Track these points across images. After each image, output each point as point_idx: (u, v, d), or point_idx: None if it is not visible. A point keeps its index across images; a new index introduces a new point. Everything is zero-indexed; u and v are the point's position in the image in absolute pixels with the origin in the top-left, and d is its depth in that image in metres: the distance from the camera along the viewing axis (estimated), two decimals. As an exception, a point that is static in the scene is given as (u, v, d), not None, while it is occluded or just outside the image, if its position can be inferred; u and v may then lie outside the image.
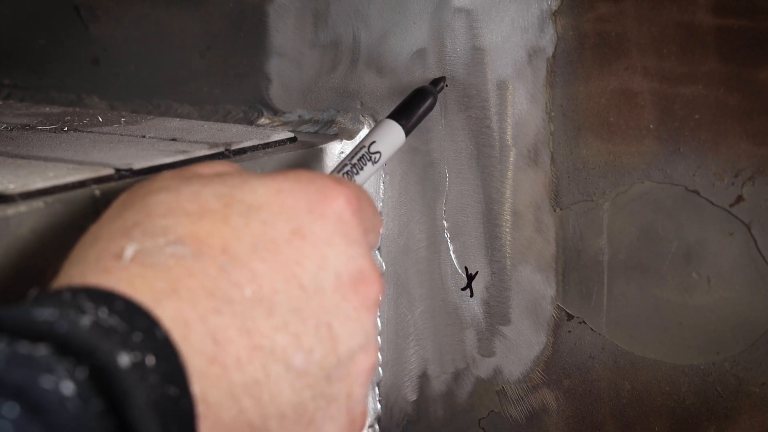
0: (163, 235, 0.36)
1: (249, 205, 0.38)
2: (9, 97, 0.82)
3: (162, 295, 0.34)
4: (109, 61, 0.77)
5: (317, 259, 0.38)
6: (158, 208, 0.37)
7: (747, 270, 0.54)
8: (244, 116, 0.71)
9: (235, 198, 0.38)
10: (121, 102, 0.77)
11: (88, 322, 0.31)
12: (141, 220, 0.37)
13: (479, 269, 0.62)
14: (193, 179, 0.39)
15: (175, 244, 0.36)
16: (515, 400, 0.62)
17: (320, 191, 0.39)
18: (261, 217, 0.38)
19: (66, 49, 0.79)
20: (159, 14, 0.74)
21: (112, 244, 0.36)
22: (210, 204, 0.37)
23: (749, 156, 0.53)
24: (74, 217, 0.48)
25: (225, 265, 0.36)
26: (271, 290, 0.36)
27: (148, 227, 0.36)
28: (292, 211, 0.38)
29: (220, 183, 0.39)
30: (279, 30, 0.68)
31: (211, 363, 0.34)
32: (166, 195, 0.38)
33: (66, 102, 0.79)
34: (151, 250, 0.35)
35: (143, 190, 0.39)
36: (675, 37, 0.53)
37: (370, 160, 0.49)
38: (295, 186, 0.39)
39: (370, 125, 0.65)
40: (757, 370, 0.54)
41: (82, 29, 0.78)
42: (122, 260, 0.35)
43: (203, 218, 0.37)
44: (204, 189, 0.38)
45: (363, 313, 0.39)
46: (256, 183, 0.39)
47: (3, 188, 0.47)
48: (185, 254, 0.35)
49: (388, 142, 0.51)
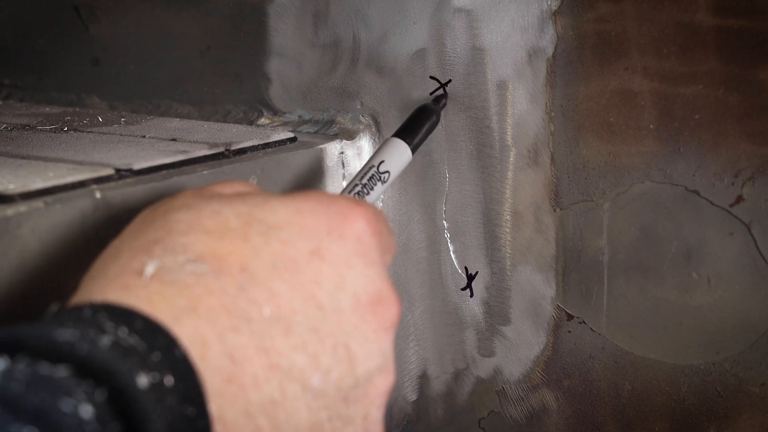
0: (183, 252, 0.36)
1: (269, 224, 0.38)
2: (9, 97, 0.82)
3: (181, 312, 0.34)
4: (109, 61, 0.77)
5: (336, 279, 0.38)
6: (179, 225, 0.38)
7: (747, 270, 0.54)
8: (244, 116, 0.71)
9: (255, 217, 0.38)
10: (121, 102, 0.77)
11: (108, 342, 0.31)
12: (162, 236, 0.37)
13: (479, 269, 0.62)
14: (214, 198, 0.40)
15: (195, 262, 0.36)
16: (515, 400, 0.62)
17: (340, 212, 0.40)
18: (281, 237, 0.38)
19: (66, 49, 0.79)
20: (159, 14, 0.74)
21: (133, 261, 0.36)
22: (230, 222, 0.38)
23: (749, 156, 0.53)
24: (74, 217, 0.48)
25: (244, 283, 0.36)
26: (289, 309, 0.36)
27: (169, 244, 0.37)
28: (312, 231, 0.39)
29: (240, 202, 0.39)
30: (279, 30, 0.68)
31: (228, 382, 0.34)
32: (187, 213, 0.38)
33: (66, 102, 0.79)
34: (171, 267, 0.36)
35: (164, 207, 0.40)
36: (675, 37, 0.53)
37: (379, 180, 0.49)
38: (315, 206, 0.39)
39: (370, 125, 0.65)
40: (757, 370, 0.54)
41: (82, 29, 0.78)
42: (143, 277, 0.35)
43: (223, 236, 0.37)
44: (224, 207, 0.39)
45: (381, 335, 0.39)
46: (276, 203, 0.39)
47: (3, 188, 0.47)
48: (205, 272, 0.36)
49: (396, 161, 0.51)
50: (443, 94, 0.59)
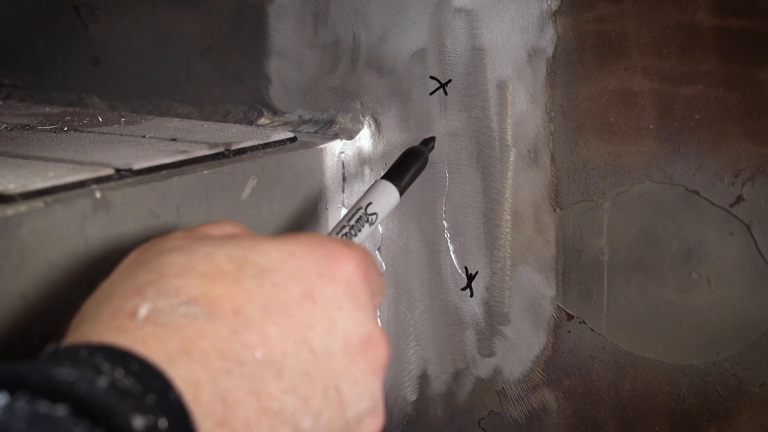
0: (176, 295, 0.37)
1: (261, 267, 0.38)
2: (9, 97, 0.82)
3: (175, 355, 0.34)
4: (109, 61, 0.77)
5: (327, 322, 0.39)
6: (171, 267, 0.38)
7: (747, 270, 0.54)
8: (244, 116, 0.71)
9: (248, 260, 0.39)
10: (121, 102, 0.77)
11: (105, 384, 0.31)
12: (154, 279, 0.37)
13: (479, 269, 0.62)
14: (206, 240, 0.40)
15: (188, 305, 0.36)
16: (515, 400, 0.62)
17: (330, 255, 0.40)
18: (273, 280, 0.38)
19: (66, 49, 0.79)
20: (159, 14, 0.74)
21: (127, 303, 0.36)
22: (223, 266, 0.38)
23: (749, 156, 0.53)
24: (74, 217, 0.48)
25: (237, 326, 0.36)
26: (281, 353, 0.37)
27: (162, 287, 0.37)
28: (303, 274, 0.39)
29: (232, 245, 0.39)
30: (279, 30, 0.68)
31: (220, 425, 0.34)
32: (179, 255, 0.39)
33: (66, 102, 0.79)
34: (164, 310, 0.36)
35: (155, 249, 0.40)
36: (675, 37, 0.53)
37: (367, 222, 0.50)
38: (305, 249, 0.40)
39: (370, 125, 0.65)
40: (757, 370, 0.54)
41: (82, 29, 0.78)
42: (136, 319, 0.35)
43: (216, 280, 0.37)
44: (217, 250, 0.39)
45: (371, 377, 0.40)
46: (268, 246, 0.40)
47: (3, 188, 0.47)
48: (198, 315, 0.36)
49: (383, 203, 0.52)
50: (432, 137, 0.59)
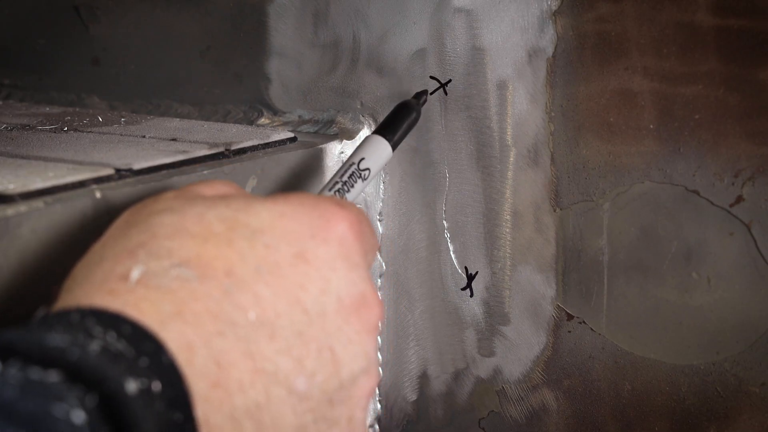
0: (168, 257, 0.36)
1: (253, 228, 0.38)
2: (9, 97, 0.82)
3: (167, 317, 0.34)
4: (109, 61, 0.77)
5: (320, 282, 0.38)
6: (163, 229, 0.38)
7: (747, 270, 0.54)
8: (244, 116, 0.71)
9: (239, 221, 0.38)
10: (121, 102, 0.77)
11: (97, 348, 0.31)
12: (146, 240, 0.37)
13: (479, 269, 0.62)
14: (197, 200, 0.40)
15: (180, 267, 0.36)
16: (515, 400, 0.62)
17: (322, 215, 0.40)
18: (265, 241, 0.38)
19: (66, 49, 0.79)
20: (159, 14, 0.74)
21: (118, 265, 0.36)
22: (214, 227, 0.38)
23: (749, 156, 0.53)
24: (74, 217, 0.48)
25: (229, 288, 0.36)
26: (274, 313, 0.37)
27: (153, 248, 0.37)
28: (296, 234, 0.39)
29: (224, 206, 0.39)
30: (279, 30, 0.68)
31: (214, 387, 0.34)
32: (171, 216, 0.38)
33: (66, 102, 0.79)
34: (156, 272, 0.36)
35: (147, 210, 0.40)
36: (675, 37, 0.53)
37: (360, 177, 0.50)
38: (298, 209, 0.40)
39: (370, 125, 0.65)
40: (757, 370, 0.54)
41: (82, 29, 0.78)
42: (128, 282, 0.35)
43: (208, 241, 0.37)
44: (208, 211, 0.39)
45: (364, 337, 0.39)
46: (260, 206, 0.39)
47: (3, 188, 0.47)
48: (190, 277, 0.36)
49: (376, 157, 0.51)
50: (424, 90, 0.59)
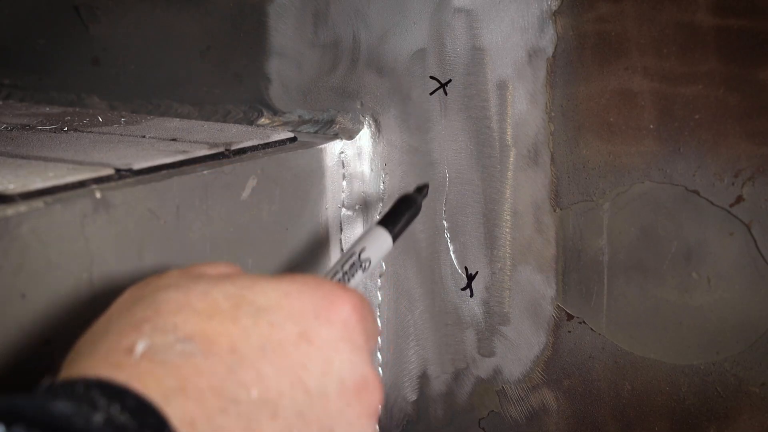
0: (173, 332, 0.37)
1: (258, 306, 0.39)
2: (9, 97, 0.82)
3: (171, 392, 0.34)
4: (109, 61, 0.77)
5: (323, 364, 0.39)
6: (168, 304, 0.38)
7: (747, 270, 0.54)
8: (244, 116, 0.71)
9: (245, 299, 0.39)
10: (121, 102, 0.77)
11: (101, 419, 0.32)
12: (151, 315, 0.37)
13: (479, 269, 0.62)
14: (202, 278, 0.40)
15: (184, 342, 0.36)
16: (515, 400, 0.62)
17: (327, 297, 0.40)
18: (269, 319, 0.38)
19: (66, 49, 0.79)
20: (159, 14, 0.74)
21: (123, 339, 0.36)
22: (220, 303, 0.38)
23: (749, 156, 0.53)
24: (74, 217, 0.48)
25: (233, 365, 0.36)
26: (276, 393, 0.37)
27: (159, 323, 0.37)
28: (300, 314, 0.39)
29: (229, 283, 0.39)
30: (279, 30, 0.68)
31: None
32: (176, 292, 0.39)
33: (66, 102, 0.79)
34: (161, 347, 0.36)
35: (152, 286, 0.40)
36: (675, 37, 0.53)
37: (360, 267, 0.50)
38: (302, 290, 0.40)
39: (370, 125, 0.65)
40: (757, 370, 0.54)
41: (82, 29, 0.78)
42: (133, 355, 0.35)
43: (213, 317, 0.38)
44: (214, 288, 0.39)
45: (365, 421, 0.40)
46: (265, 285, 0.40)
47: (3, 188, 0.47)
48: (194, 352, 0.36)
49: (376, 248, 0.52)
50: (425, 184, 0.59)
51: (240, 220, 0.57)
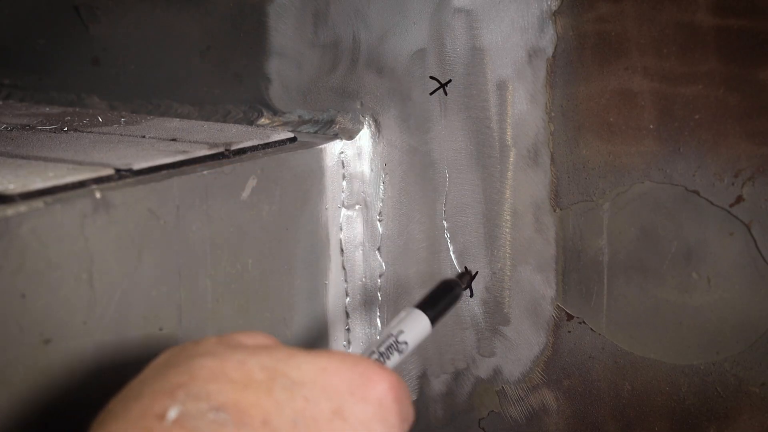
0: (207, 400, 0.36)
1: (293, 380, 0.38)
2: (9, 97, 0.82)
3: None
4: (109, 61, 0.77)
5: None
6: (203, 371, 0.38)
7: (747, 270, 0.54)
8: (244, 116, 0.71)
9: (280, 371, 0.38)
10: (121, 102, 0.77)
11: None
12: (185, 382, 0.37)
13: (479, 269, 0.62)
14: (239, 348, 0.40)
15: (217, 411, 0.36)
16: (515, 400, 0.62)
17: (363, 374, 0.40)
18: (304, 394, 0.38)
19: (66, 49, 0.79)
20: (159, 14, 0.74)
21: (155, 404, 0.36)
22: (255, 374, 0.38)
23: (749, 156, 0.53)
24: (74, 217, 0.48)
25: None
26: None
27: (192, 390, 0.37)
28: (335, 391, 0.39)
29: (266, 355, 0.39)
30: (279, 30, 0.68)
31: None
32: (212, 360, 0.38)
33: (66, 102, 0.79)
34: (193, 414, 0.36)
35: (187, 352, 0.40)
36: (675, 37, 0.53)
37: (397, 350, 0.49)
38: (339, 366, 0.40)
39: (370, 125, 0.65)
40: (757, 370, 0.54)
41: (82, 29, 0.78)
42: (165, 421, 0.35)
43: (247, 388, 0.37)
44: (250, 359, 0.39)
45: None
46: (302, 359, 0.39)
47: (3, 188, 0.47)
48: (226, 422, 0.36)
49: (414, 333, 0.50)
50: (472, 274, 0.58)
51: (240, 220, 0.57)
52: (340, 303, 0.66)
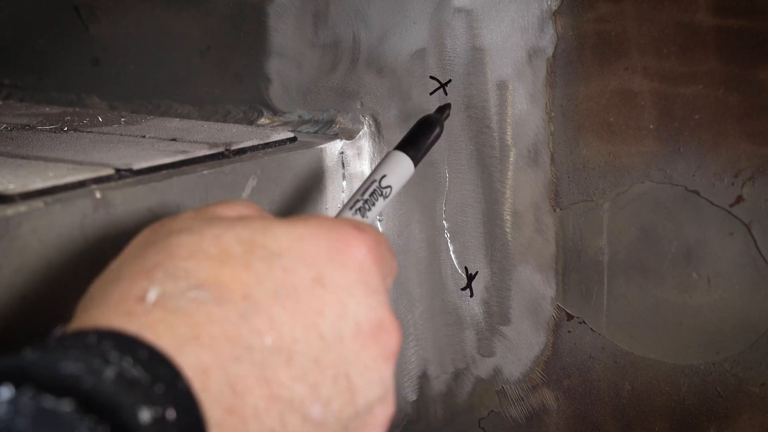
0: (185, 278, 0.36)
1: (271, 251, 0.38)
2: (9, 97, 0.82)
3: (184, 341, 0.34)
4: (109, 61, 0.77)
5: (337, 307, 0.38)
6: (180, 249, 0.37)
7: (747, 270, 0.54)
8: (244, 116, 0.71)
9: (257, 243, 0.38)
10: (121, 102, 0.77)
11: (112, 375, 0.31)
12: (163, 261, 0.37)
13: (479, 269, 0.62)
14: (215, 221, 0.39)
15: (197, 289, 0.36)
16: (515, 400, 0.62)
17: (341, 239, 0.39)
18: (282, 264, 0.38)
19: (66, 49, 0.79)
20: (159, 14, 0.74)
21: (135, 286, 0.36)
22: (232, 248, 0.37)
23: (749, 156, 0.53)
24: (74, 217, 0.48)
25: (246, 311, 0.36)
26: (290, 339, 0.36)
27: (170, 269, 0.36)
28: (314, 258, 0.38)
29: (242, 227, 0.39)
30: (279, 30, 0.68)
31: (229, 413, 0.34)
32: (188, 236, 0.38)
33: (66, 102, 0.79)
34: (173, 294, 0.35)
35: (165, 229, 0.39)
36: (675, 37, 0.53)
37: (381, 195, 0.48)
38: (316, 232, 0.39)
39: (370, 125, 0.65)
40: (757, 370, 0.54)
41: (82, 29, 0.78)
42: (145, 303, 0.35)
43: (225, 263, 0.37)
44: (226, 233, 0.38)
45: (382, 364, 0.39)
46: (278, 229, 0.39)
47: (3, 188, 0.47)
48: (207, 299, 0.35)
49: (398, 175, 0.50)
50: (447, 105, 0.58)
51: (240, 220, 0.57)
52: (340, 303, 0.66)
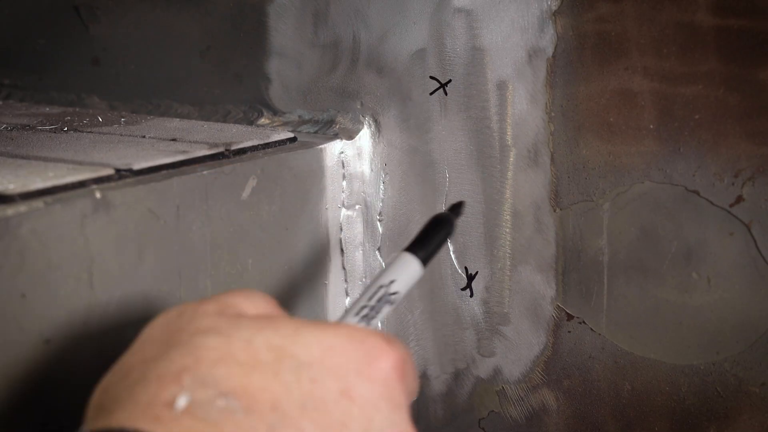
0: (214, 386, 0.36)
1: (300, 361, 0.38)
2: (9, 97, 0.82)
3: None
4: (109, 61, 0.77)
5: (363, 422, 0.38)
6: (208, 353, 0.37)
7: (747, 270, 0.54)
8: (244, 116, 0.71)
9: (287, 352, 0.38)
10: (121, 102, 0.77)
11: None
12: (190, 365, 0.37)
13: (479, 269, 0.62)
14: (242, 323, 0.39)
15: (226, 397, 0.36)
16: (515, 400, 0.62)
17: (370, 352, 0.39)
18: (311, 375, 0.38)
19: (66, 49, 0.79)
20: (159, 14, 0.74)
21: (162, 390, 0.36)
22: (261, 355, 0.37)
23: (749, 156, 0.53)
24: (74, 217, 0.48)
25: (274, 423, 0.36)
26: None
27: (199, 375, 0.36)
28: (342, 370, 0.38)
29: (272, 331, 0.39)
30: (279, 30, 0.68)
31: None
32: (216, 339, 0.38)
33: (66, 102, 0.79)
34: (202, 402, 0.35)
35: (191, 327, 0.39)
36: (675, 37, 0.53)
37: (388, 302, 0.47)
38: (346, 344, 0.39)
39: (370, 125, 0.65)
40: (757, 370, 0.54)
41: (82, 29, 0.78)
42: (174, 410, 0.35)
43: (254, 370, 0.37)
44: (256, 337, 0.38)
45: None
46: (308, 336, 0.39)
47: (3, 188, 0.47)
48: (236, 409, 0.35)
49: (406, 280, 0.48)
50: (461, 202, 0.55)
51: (240, 220, 0.57)
52: (340, 303, 0.66)
